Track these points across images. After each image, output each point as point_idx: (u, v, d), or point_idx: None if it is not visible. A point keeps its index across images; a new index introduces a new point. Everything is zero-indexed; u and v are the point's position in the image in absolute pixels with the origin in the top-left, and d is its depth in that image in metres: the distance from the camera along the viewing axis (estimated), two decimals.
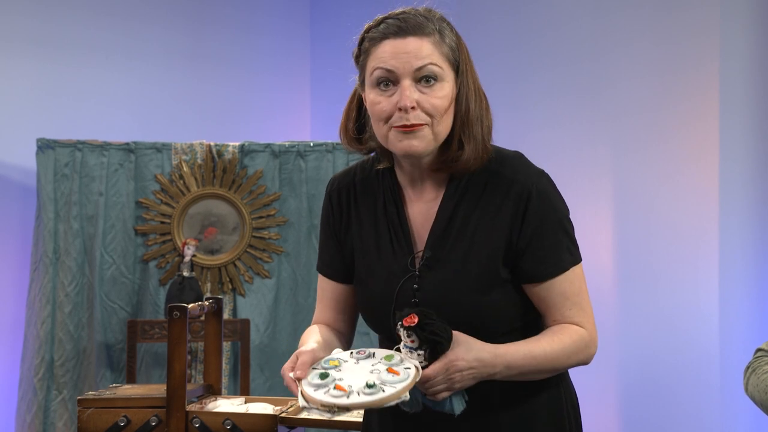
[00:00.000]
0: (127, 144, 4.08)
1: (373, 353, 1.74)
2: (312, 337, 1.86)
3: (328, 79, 5.17)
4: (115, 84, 4.60)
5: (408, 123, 1.73)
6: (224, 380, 3.99)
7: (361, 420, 2.01)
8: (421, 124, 1.74)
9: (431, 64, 1.74)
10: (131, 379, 3.90)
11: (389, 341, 1.80)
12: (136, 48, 4.68)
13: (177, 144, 4.10)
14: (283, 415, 2.21)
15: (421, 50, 1.74)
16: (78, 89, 4.50)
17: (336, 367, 1.71)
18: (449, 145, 1.79)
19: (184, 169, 4.08)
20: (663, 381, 3.82)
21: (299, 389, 1.67)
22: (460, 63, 1.78)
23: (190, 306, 2.26)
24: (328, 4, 5.21)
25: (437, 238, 1.82)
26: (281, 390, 4.07)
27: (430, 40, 1.76)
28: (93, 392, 2.33)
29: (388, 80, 1.75)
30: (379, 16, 1.80)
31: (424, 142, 1.75)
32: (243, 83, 5.02)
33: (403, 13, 1.77)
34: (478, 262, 1.79)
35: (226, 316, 4.02)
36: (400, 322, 1.68)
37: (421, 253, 1.83)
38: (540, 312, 1.86)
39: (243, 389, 3.90)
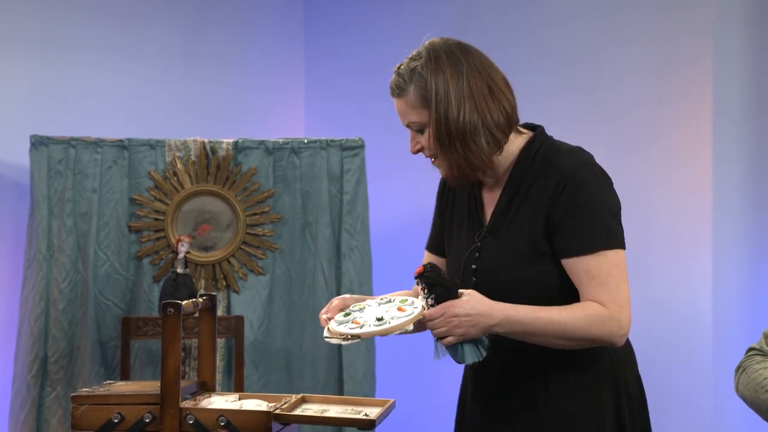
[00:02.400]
0: (121, 141, 4.07)
1: (394, 299, 2.12)
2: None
3: (322, 77, 5.17)
4: (109, 81, 4.59)
5: (427, 157, 2.20)
6: (218, 377, 3.99)
7: (348, 416, 2.17)
8: (434, 158, 2.18)
9: (410, 122, 2.16)
10: (125, 376, 3.90)
11: None
12: (130, 46, 4.67)
13: (171, 141, 4.10)
14: (277, 411, 2.21)
15: (402, 111, 2.17)
16: (72, 87, 4.49)
17: (361, 309, 2.11)
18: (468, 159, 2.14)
19: (178, 166, 4.08)
20: (656, 376, 3.83)
21: (327, 326, 2.08)
22: (428, 99, 2.11)
23: (184, 303, 2.26)
24: (322, 2, 5.21)
25: (497, 217, 2.17)
26: (275, 387, 4.07)
27: (405, 100, 2.15)
28: (87, 389, 2.33)
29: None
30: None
31: (442, 170, 2.19)
32: (237, 80, 5.01)
33: (397, 72, 2.17)
34: (525, 237, 2.11)
35: (220, 313, 4.02)
36: (415, 274, 2.06)
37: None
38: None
39: (237, 386, 3.90)
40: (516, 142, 2.19)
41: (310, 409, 2.30)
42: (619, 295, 2.05)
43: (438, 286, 2.02)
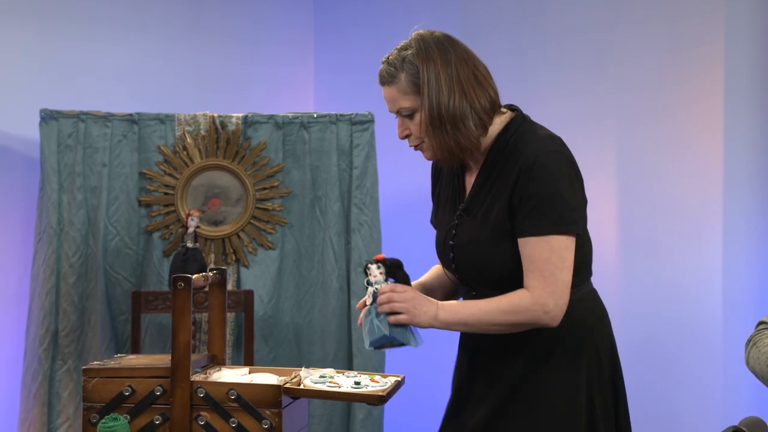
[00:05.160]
0: (131, 115, 4.07)
1: (359, 374, 2.32)
2: (427, 275, 2.51)
3: (332, 51, 5.15)
4: (118, 55, 4.58)
5: (410, 145, 2.37)
6: (228, 351, 4.01)
7: (358, 392, 2.21)
8: (419, 143, 2.34)
9: (400, 108, 2.32)
10: (135, 350, 3.92)
11: (452, 273, 2.41)
12: (138, 20, 4.66)
13: (180, 115, 4.09)
14: (287, 385, 2.22)
15: (393, 97, 2.32)
16: (81, 60, 4.48)
17: (331, 377, 2.29)
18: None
19: (188, 140, 4.08)
20: (666, 354, 3.83)
21: (302, 383, 2.26)
22: (420, 86, 2.26)
23: (194, 277, 2.26)
24: None
25: (473, 197, 2.35)
26: (285, 361, 4.09)
27: (396, 87, 2.30)
28: (98, 362, 2.34)
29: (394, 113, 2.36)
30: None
31: (428, 153, 2.35)
32: (246, 54, 5.00)
33: (387, 61, 2.32)
34: (493, 217, 2.28)
35: (229, 287, 4.03)
36: (373, 260, 2.31)
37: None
38: None
39: (247, 360, 3.92)
40: (497, 123, 2.34)
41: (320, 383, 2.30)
42: (551, 281, 2.20)
43: (400, 270, 2.30)
